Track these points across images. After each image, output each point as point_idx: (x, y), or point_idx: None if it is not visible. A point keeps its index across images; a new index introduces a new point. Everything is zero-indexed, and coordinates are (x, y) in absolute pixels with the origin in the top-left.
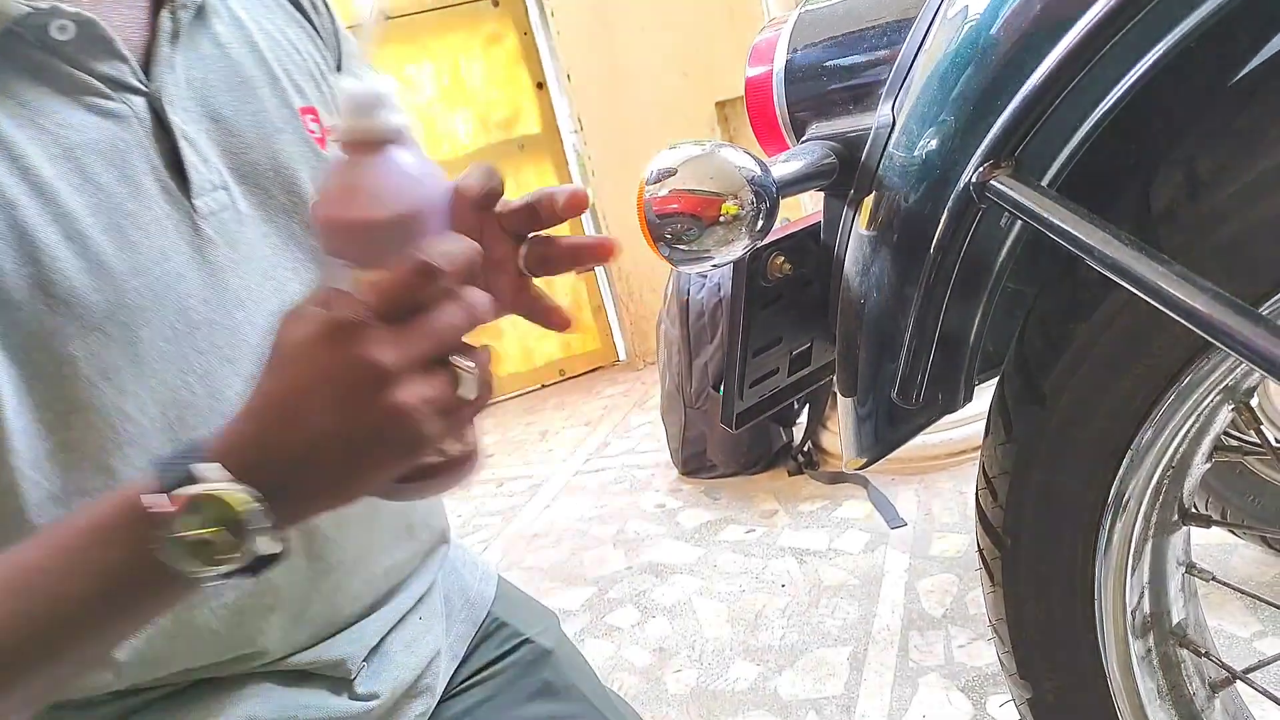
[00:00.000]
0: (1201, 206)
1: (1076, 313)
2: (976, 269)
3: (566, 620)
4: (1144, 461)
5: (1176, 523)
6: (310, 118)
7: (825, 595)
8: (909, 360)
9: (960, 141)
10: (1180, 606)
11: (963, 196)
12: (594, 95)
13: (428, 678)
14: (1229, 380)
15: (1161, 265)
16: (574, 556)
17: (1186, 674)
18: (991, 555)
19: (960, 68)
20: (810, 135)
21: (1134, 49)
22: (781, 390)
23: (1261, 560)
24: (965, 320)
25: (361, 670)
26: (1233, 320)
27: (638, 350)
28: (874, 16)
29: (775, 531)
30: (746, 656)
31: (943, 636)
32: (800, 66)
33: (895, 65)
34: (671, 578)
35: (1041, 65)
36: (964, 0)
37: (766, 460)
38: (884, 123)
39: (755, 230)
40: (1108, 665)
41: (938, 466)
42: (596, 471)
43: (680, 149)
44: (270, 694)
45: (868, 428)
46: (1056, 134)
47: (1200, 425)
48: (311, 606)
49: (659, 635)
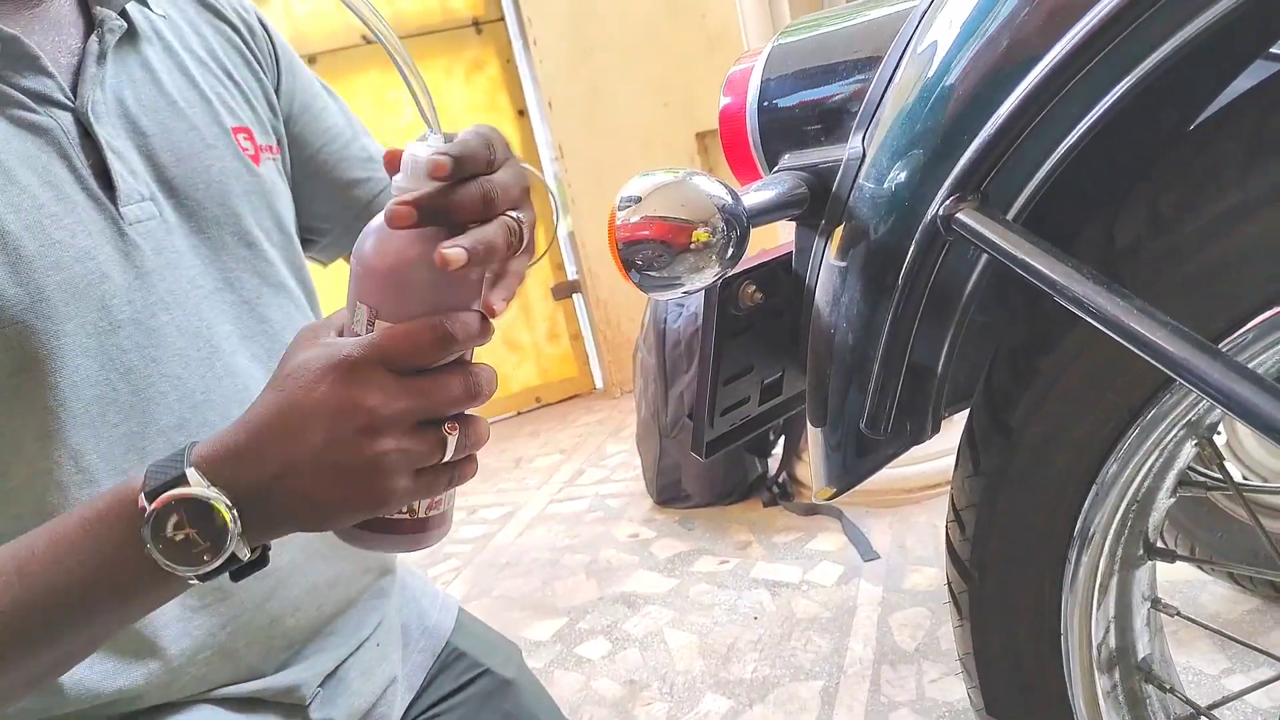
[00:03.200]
0: (1164, 243)
1: (1042, 347)
2: (944, 301)
3: (536, 651)
4: (1109, 495)
5: (1142, 557)
6: (244, 136)
7: (798, 628)
8: (878, 391)
9: (928, 174)
10: (1146, 641)
11: (930, 229)
12: (575, 124)
13: (382, 706)
14: (1191, 415)
15: (1123, 300)
16: (545, 586)
17: (1152, 710)
18: (959, 588)
19: (928, 102)
20: (783, 165)
21: (1098, 87)
22: (752, 419)
23: (1230, 597)
24: (933, 351)
25: (316, 696)
26: (1193, 355)
27: (615, 379)
28: (846, 50)
29: (749, 563)
30: (718, 689)
31: (915, 671)
32: (773, 98)
33: (866, 98)
34: (644, 608)
35: (1007, 101)
36: (932, 36)
37: (741, 491)
38: (854, 155)
39: (726, 258)
40: (1074, 700)
41: (912, 500)
42: (570, 500)
43: (652, 176)
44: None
45: (837, 458)
46: (1022, 169)
47: (1164, 460)
48: (247, 613)
49: (630, 667)
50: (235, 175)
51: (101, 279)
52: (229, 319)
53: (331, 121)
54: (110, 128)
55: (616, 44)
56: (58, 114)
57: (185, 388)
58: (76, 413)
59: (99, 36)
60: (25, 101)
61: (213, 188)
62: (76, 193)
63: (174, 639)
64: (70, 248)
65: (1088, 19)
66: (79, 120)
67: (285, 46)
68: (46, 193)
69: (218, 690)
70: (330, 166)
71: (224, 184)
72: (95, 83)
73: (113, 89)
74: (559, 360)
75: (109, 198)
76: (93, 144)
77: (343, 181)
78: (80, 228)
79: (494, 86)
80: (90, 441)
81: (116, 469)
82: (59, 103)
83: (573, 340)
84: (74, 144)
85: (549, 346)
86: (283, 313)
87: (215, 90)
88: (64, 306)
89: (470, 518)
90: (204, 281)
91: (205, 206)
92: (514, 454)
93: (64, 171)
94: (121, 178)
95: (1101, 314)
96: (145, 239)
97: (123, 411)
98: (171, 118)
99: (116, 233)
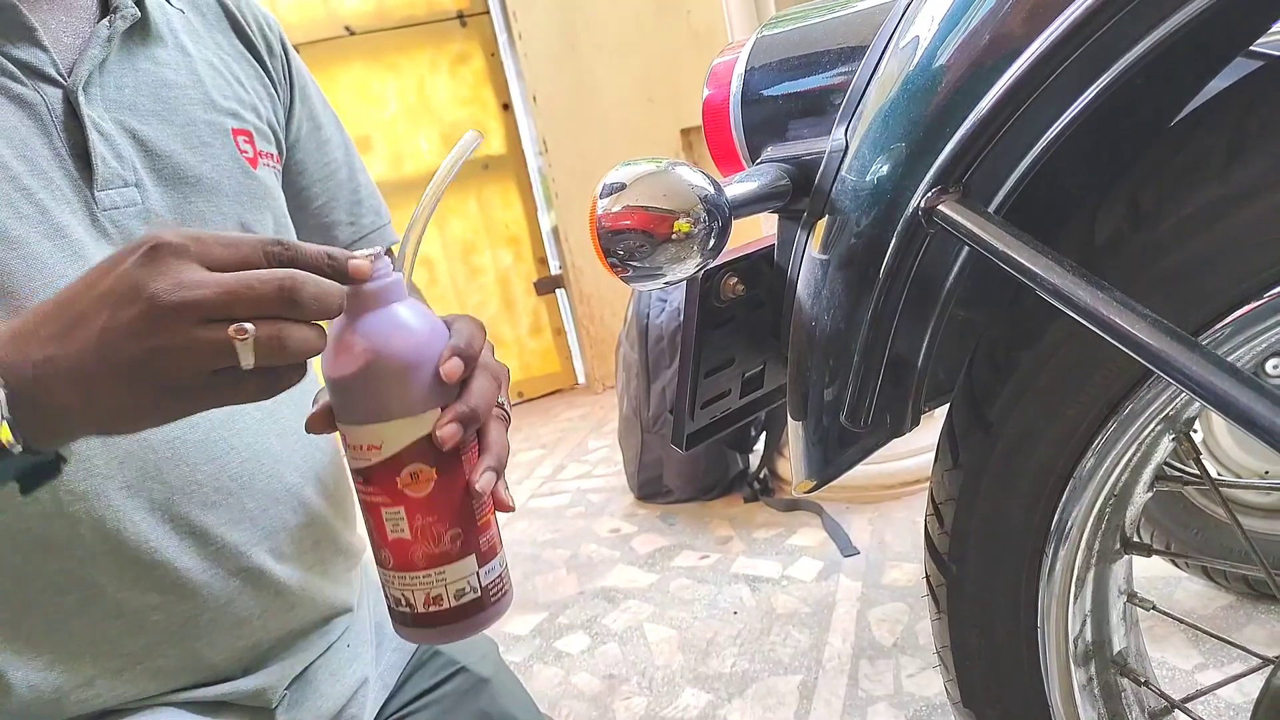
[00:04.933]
0: (1144, 237)
1: (1022, 340)
2: (925, 293)
3: (516, 645)
4: (1086, 490)
5: (1119, 551)
6: (244, 139)
7: (777, 623)
8: (858, 383)
9: (910, 167)
10: (1122, 635)
11: (911, 222)
12: (559, 118)
13: (352, 707)
14: (1169, 410)
15: (1103, 292)
16: (526, 581)
17: (1127, 703)
18: (937, 582)
19: (911, 95)
20: (765, 157)
21: (1079, 81)
22: (733, 412)
23: (1204, 594)
24: (914, 344)
25: (283, 699)
26: (1171, 348)
27: (597, 374)
28: (829, 42)
29: (729, 558)
30: (697, 684)
31: (893, 666)
32: (756, 89)
33: (849, 91)
34: (624, 603)
35: (989, 94)
36: (916, 30)
37: (722, 486)
38: (837, 147)
39: (707, 249)
40: (1050, 693)
41: (892, 495)
42: (551, 495)
43: (634, 165)
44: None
45: (817, 451)
46: (1004, 162)
47: (1141, 454)
48: (208, 613)
49: (609, 662)
50: (229, 174)
51: (74, 258)
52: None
53: (332, 156)
54: (100, 110)
55: (602, 38)
56: (46, 89)
57: None
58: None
59: (110, 21)
60: (14, 72)
61: (204, 182)
62: (54, 169)
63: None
64: (39, 224)
65: (1068, 13)
66: (68, 98)
67: (301, 70)
68: (20, 165)
69: (182, 693)
70: (319, 204)
71: (216, 180)
72: (93, 64)
73: (114, 75)
74: (541, 355)
75: (85, 179)
76: (78, 124)
77: (327, 221)
78: (54, 204)
79: (479, 80)
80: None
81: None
82: (49, 78)
83: (555, 335)
84: (56, 121)
85: (531, 341)
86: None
87: (221, 92)
88: (27, 281)
89: None
90: None
91: (192, 200)
92: None
93: (43, 147)
94: (103, 160)
95: (1081, 306)
96: (116, 225)
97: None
98: (170, 110)
99: (88, 217)
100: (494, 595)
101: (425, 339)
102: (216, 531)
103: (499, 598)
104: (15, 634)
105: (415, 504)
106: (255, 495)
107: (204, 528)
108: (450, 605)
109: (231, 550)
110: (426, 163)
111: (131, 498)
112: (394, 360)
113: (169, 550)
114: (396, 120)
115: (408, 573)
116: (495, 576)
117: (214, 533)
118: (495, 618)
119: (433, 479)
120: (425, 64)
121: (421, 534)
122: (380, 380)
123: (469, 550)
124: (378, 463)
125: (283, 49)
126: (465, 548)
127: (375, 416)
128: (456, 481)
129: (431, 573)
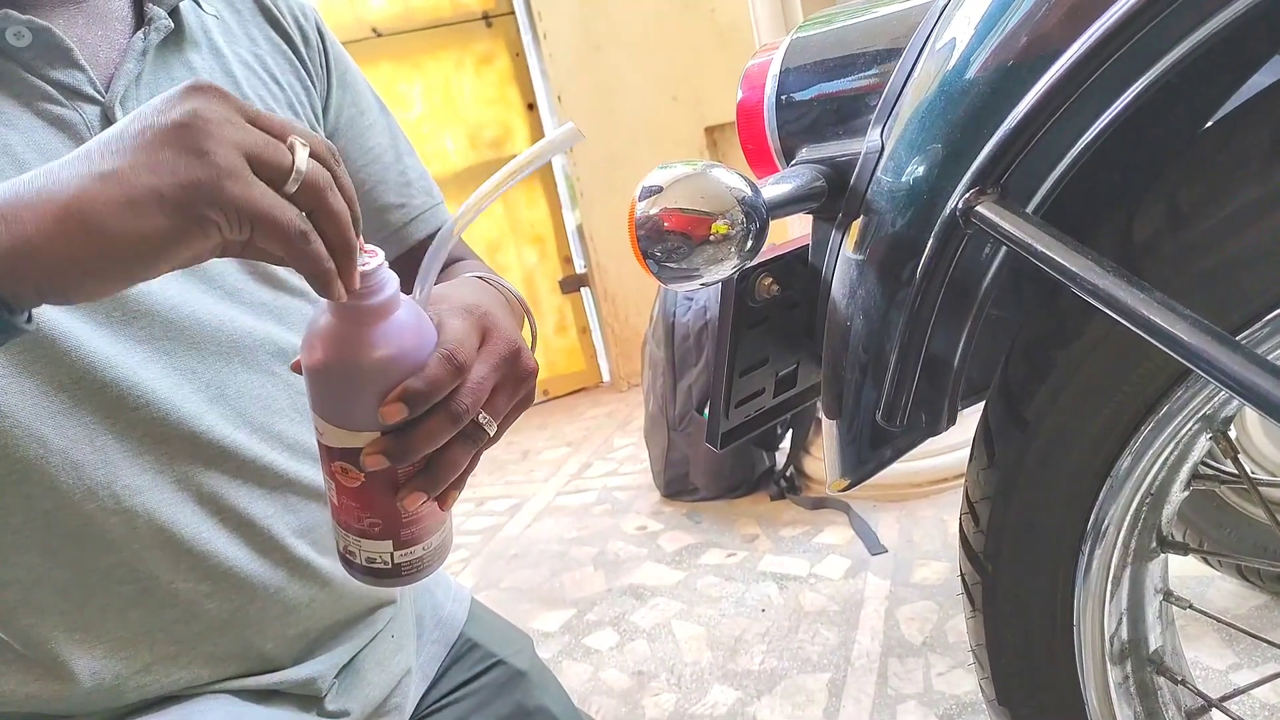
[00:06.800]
0: (1182, 238)
1: (1059, 340)
2: (961, 294)
3: (545, 642)
4: (1123, 488)
5: (1155, 550)
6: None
7: (805, 621)
8: (894, 383)
9: (947, 168)
10: (1158, 634)
11: (948, 222)
12: (584, 117)
13: (397, 696)
14: (1207, 409)
15: (1142, 292)
16: (554, 578)
17: (1163, 701)
18: (973, 580)
19: (947, 96)
20: (800, 159)
21: (1118, 83)
22: (767, 411)
23: (1238, 593)
24: (950, 344)
25: (333, 688)
26: (1211, 347)
27: (622, 372)
28: (864, 44)
29: (756, 556)
30: (725, 681)
31: (922, 664)
32: (791, 91)
33: (884, 92)
34: (652, 600)
35: (1027, 96)
36: (952, 32)
37: (749, 484)
38: (873, 148)
39: (744, 250)
40: (1086, 692)
41: (920, 494)
42: (578, 493)
43: (672, 168)
44: (237, 712)
45: (851, 450)
46: (1041, 163)
47: (1179, 453)
48: (259, 601)
49: (638, 658)
50: None
51: None
52: (249, 317)
53: (375, 140)
54: None
55: (626, 38)
56: (84, 108)
57: (200, 380)
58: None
59: (144, 34)
60: (53, 94)
61: None
62: None
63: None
64: None
65: (1109, 15)
66: (106, 115)
67: (341, 57)
68: None
69: (235, 681)
70: (368, 189)
71: None
72: (130, 78)
73: (149, 87)
74: (566, 353)
75: None
76: None
77: (377, 205)
78: None
79: (503, 80)
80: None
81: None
82: (88, 96)
83: (580, 334)
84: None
85: (556, 339)
86: (301, 316)
87: (258, 93)
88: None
89: (478, 510)
90: (224, 283)
91: None
92: (521, 446)
93: None
94: None
95: (1121, 306)
96: None
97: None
98: None
99: None
100: (408, 571)
101: (384, 366)
102: (263, 523)
103: (413, 572)
104: (76, 624)
105: (343, 489)
106: (298, 490)
107: (250, 519)
108: (361, 564)
109: (278, 542)
110: (452, 163)
111: (181, 490)
112: (343, 378)
113: (218, 541)
114: (422, 121)
115: (333, 520)
116: (415, 558)
117: (260, 524)
118: (408, 584)
119: (360, 479)
120: (451, 64)
121: (344, 510)
122: (327, 386)
123: (387, 536)
124: (320, 443)
125: (319, 37)
126: (383, 534)
127: (319, 411)
128: (385, 486)
129: (349, 536)
